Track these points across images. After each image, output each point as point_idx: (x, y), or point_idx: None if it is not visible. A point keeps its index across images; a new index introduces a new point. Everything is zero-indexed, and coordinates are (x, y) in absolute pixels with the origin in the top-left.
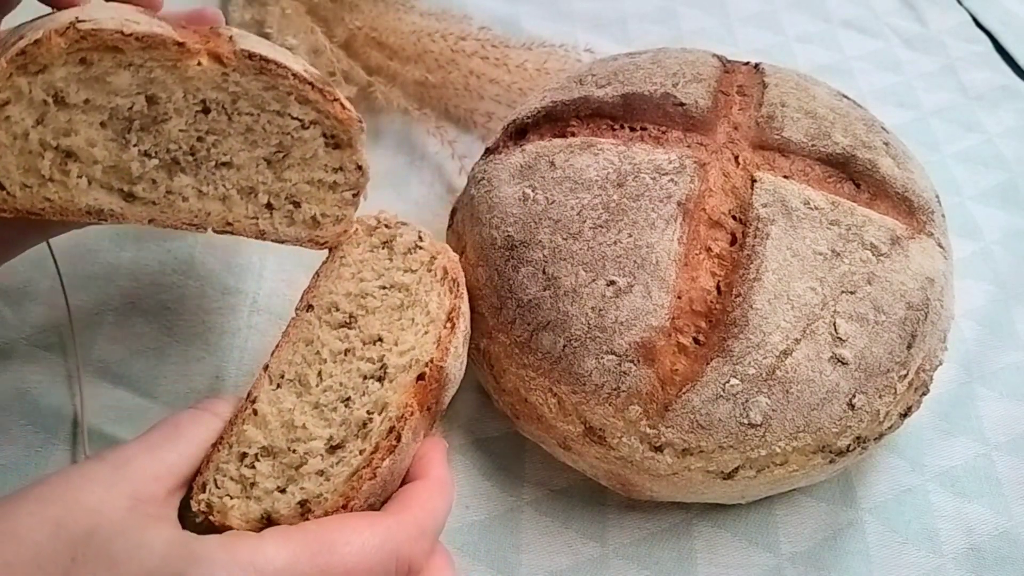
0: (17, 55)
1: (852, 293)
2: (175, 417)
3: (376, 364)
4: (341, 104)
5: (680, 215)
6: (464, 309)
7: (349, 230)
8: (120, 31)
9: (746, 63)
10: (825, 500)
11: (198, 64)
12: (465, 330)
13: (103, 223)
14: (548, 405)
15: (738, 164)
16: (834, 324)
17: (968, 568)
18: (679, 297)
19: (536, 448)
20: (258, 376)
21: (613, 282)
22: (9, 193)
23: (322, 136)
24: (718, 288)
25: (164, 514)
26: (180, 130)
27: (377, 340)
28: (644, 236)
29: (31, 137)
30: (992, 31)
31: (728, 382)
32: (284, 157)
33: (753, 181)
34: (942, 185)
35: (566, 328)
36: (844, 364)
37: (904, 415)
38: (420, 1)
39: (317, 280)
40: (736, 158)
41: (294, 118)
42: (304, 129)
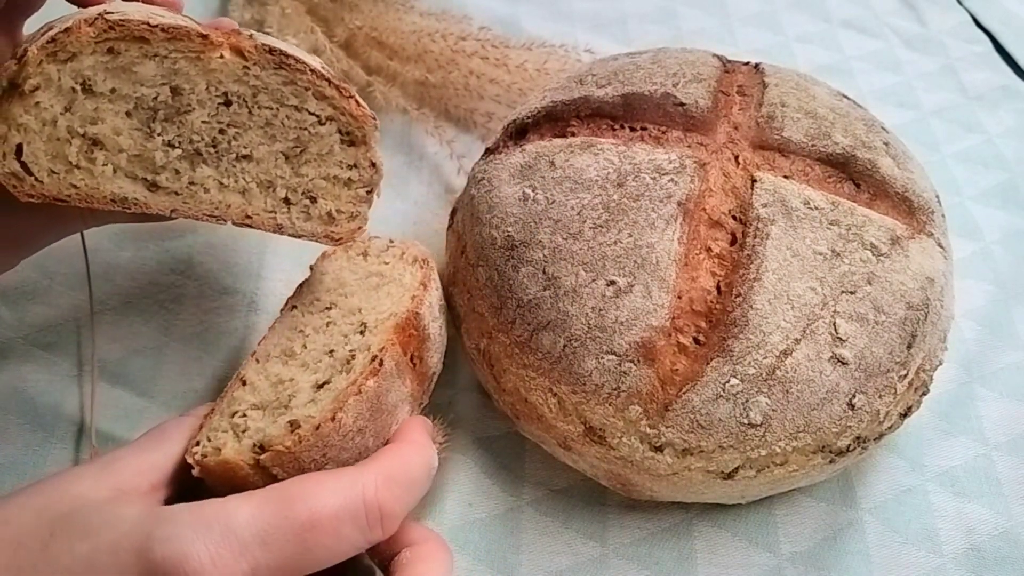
0: (48, 43)
1: (852, 293)
2: (164, 423)
3: (357, 325)
4: (356, 101)
5: (680, 215)
6: (435, 278)
7: (364, 227)
8: (146, 22)
9: (746, 63)
10: (825, 500)
11: (220, 57)
12: (439, 293)
13: (127, 211)
14: (548, 405)
15: (738, 164)
16: (834, 324)
17: (968, 568)
18: (679, 297)
19: (536, 448)
20: (246, 361)
21: (613, 282)
22: (37, 179)
23: (337, 132)
24: (718, 288)
25: (144, 502)
26: (203, 121)
27: (357, 311)
28: (644, 236)
29: (59, 124)
30: (992, 31)
31: (728, 382)
32: (301, 152)
33: (753, 181)
34: (942, 185)
35: (566, 328)
36: (844, 364)
37: (904, 415)
38: (420, 1)
39: (300, 288)
40: (736, 158)
41: (311, 113)
42: (320, 125)
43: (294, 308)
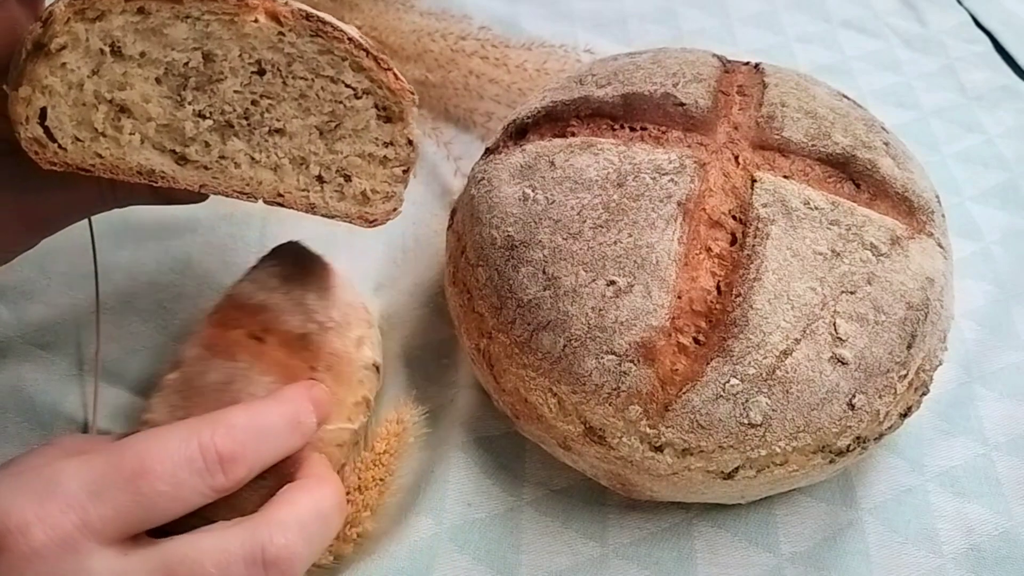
0: (75, 0)
1: (852, 293)
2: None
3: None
4: (395, 74)
5: (680, 215)
6: None
7: (399, 208)
8: None
9: (746, 63)
10: (825, 500)
11: (255, 21)
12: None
13: (153, 184)
14: (548, 405)
15: (738, 164)
16: (834, 324)
17: (968, 568)
18: (679, 297)
19: (536, 448)
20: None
21: (613, 282)
22: (60, 146)
23: (374, 107)
24: (718, 288)
25: None
26: (235, 91)
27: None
28: (644, 236)
29: (86, 88)
30: (992, 31)
31: (728, 382)
32: (336, 127)
33: (753, 181)
34: (942, 185)
35: (566, 328)
36: (844, 364)
37: (904, 415)
38: (420, 1)
39: None
40: (736, 158)
41: (347, 86)
42: (356, 99)
43: None
